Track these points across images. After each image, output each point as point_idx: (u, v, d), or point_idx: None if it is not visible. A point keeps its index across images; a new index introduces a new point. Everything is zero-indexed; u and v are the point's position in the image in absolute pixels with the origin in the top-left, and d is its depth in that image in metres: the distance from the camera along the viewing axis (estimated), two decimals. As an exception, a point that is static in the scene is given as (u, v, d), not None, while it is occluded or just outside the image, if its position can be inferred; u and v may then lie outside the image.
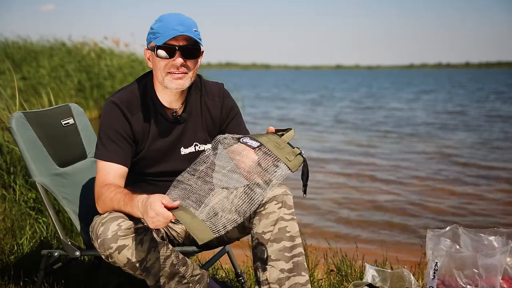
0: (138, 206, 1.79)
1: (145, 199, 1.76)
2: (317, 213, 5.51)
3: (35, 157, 2.29)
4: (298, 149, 1.77)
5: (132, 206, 1.83)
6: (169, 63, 1.99)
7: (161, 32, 1.98)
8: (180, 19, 1.99)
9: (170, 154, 2.14)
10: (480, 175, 7.31)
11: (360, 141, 10.88)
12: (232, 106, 2.21)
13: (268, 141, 1.78)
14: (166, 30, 1.97)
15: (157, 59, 2.00)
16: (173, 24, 1.97)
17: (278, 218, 1.99)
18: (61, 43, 14.23)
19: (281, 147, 1.75)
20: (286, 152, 1.74)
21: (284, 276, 1.97)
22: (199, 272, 2.06)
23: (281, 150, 1.74)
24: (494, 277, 2.21)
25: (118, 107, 2.05)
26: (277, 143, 1.77)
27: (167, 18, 2.01)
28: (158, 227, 1.70)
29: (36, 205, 3.59)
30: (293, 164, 1.71)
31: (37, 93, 9.85)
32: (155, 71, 2.05)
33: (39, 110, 2.50)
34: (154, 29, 2.01)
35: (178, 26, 1.97)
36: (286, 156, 1.73)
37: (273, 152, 1.73)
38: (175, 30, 1.96)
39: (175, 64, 1.99)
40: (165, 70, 2.00)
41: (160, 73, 2.02)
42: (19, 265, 2.79)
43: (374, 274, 2.47)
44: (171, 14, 2.03)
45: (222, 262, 2.95)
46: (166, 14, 2.04)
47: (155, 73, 2.06)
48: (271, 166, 1.73)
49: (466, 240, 2.35)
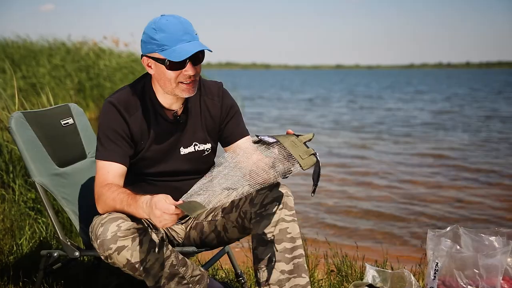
0: (143, 208, 1.79)
1: (149, 199, 1.77)
2: (317, 213, 5.50)
3: (34, 157, 2.29)
4: (312, 150, 1.80)
5: (136, 207, 1.83)
6: (180, 73, 1.96)
7: (168, 44, 1.92)
8: (182, 27, 1.94)
9: (169, 154, 2.13)
10: (481, 175, 7.30)
11: (357, 141, 10.88)
12: (231, 105, 2.20)
13: (284, 139, 1.81)
14: (173, 42, 1.91)
15: (166, 71, 1.96)
16: (179, 35, 1.92)
17: (279, 219, 1.99)
18: (60, 43, 14.21)
19: (297, 146, 1.79)
20: (301, 150, 1.77)
21: (285, 277, 1.97)
22: (199, 272, 2.05)
23: (295, 148, 1.78)
24: (494, 278, 2.21)
25: (116, 107, 2.04)
26: (293, 142, 1.80)
27: (168, 27, 1.92)
28: (166, 225, 1.72)
29: (36, 205, 3.58)
30: (305, 163, 1.74)
31: (36, 93, 9.85)
32: (162, 80, 2.00)
33: (39, 110, 2.50)
34: (157, 39, 1.93)
35: (184, 36, 1.93)
36: (300, 154, 1.76)
37: (288, 149, 1.77)
38: (183, 40, 1.92)
39: (187, 74, 1.96)
40: (176, 81, 1.97)
41: (170, 84, 1.98)
42: (18, 266, 2.78)
43: (374, 275, 2.47)
44: (169, 19, 1.95)
45: (222, 263, 2.94)
46: (162, 20, 1.95)
47: (162, 82, 2.00)
48: (283, 161, 1.78)
49: (467, 240, 2.34)
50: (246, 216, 2.07)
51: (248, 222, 2.08)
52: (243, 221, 2.09)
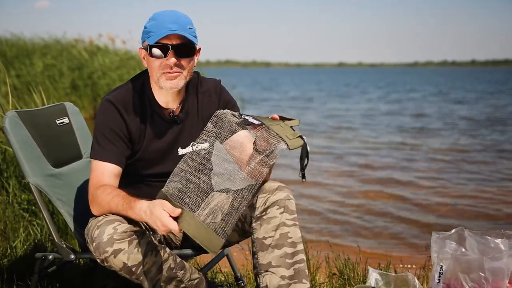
0: (142, 217, 1.79)
1: (148, 212, 1.74)
2: (318, 215, 5.48)
3: (29, 157, 2.26)
4: (299, 133, 1.79)
5: (132, 215, 1.83)
6: (163, 62, 1.96)
7: (154, 30, 1.94)
8: (174, 17, 1.95)
9: (167, 155, 2.11)
10: (486, 177, 7.28)
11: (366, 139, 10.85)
12: (228, 100, 2.19)
13: (270, 122, 1.79)
14: (159, 28, 1.93)
15: (151, 59, 1.97)
16: (166, 22, 1.93)
17: (279, 223, 1.96)
18: (55, 41, 14.15)
19: (283, 128, 1.77)
20: (287, 132, 1.76)
21: (285, 283, 1.95)
22: (197, 276, 2.04)
23: (282, 130, 1.76)
24: (501, 281, 2.19)
25: (114, 105, 2.02)
26: (279, 125, 1.78)
27: (160, 16, 1.97)
28: (168, 232, 1.73)
29: (30, 206, 3.55)
30: (292, 143, 1.73)
31: (30, 91, 9.81)
32: (150, 71, 2.02)
33: (33, 109, 2.48)
34: (147, 27, 1.98)
35: (171, 24, 1.93)
36: (286, 135, 1.74)
37: (273, 130, 1.75)
38: (168, 28, 1.92)
39: (168, 63, 1.95)
40: (159, 70, 1.97)
41: (155, 73, 1.99)
42: (12, 269, 2.75)
43: (377, 278, 2.46)
44: (165, 11, 1.99)
45: (221, 266, 2.91)
46: (160, 11, 2.00)
47: (150, 73, 2.03)
48: (270, 142, 1.75)
49: (472, 242, 2.33)
50: (246, 220, 2.05)
51: (248, 226, 2.05)
52: (243, 224, 2.07)
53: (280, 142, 1.74)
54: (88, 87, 12.62)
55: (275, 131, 1.75)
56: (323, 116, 16.48)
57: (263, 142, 1.78)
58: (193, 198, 1.77)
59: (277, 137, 1.74)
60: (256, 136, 1.81)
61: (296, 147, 1.74)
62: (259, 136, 1.79)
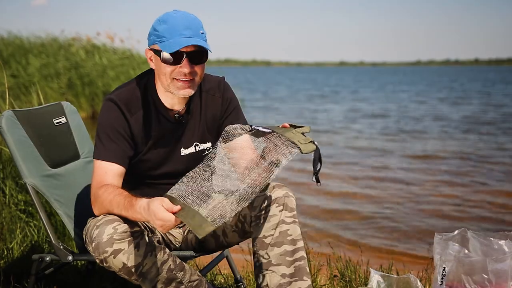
0: (142, 214, 1.76)
1: (146, 206, 1.72)
2: (319, 216, 5.48)
3: (25, 157, 2.24)
4: (311, 138, 1.79)
5: (133, 212, 1.79)
6: (176, 69, 1.91)
7: (167, 36, 1.88)
8: (187, 21, 1.89)
9: (170, 155, 2.08)
10: (489, 178, 7.27)
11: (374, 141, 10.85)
12: (231, 98, 2.15)
13: (281, 130, 1.80)
14: (172, 34, 1.87)
15: (162, 65, 1.92)
16: (180, 28, 1.87)
17: (279, 221, 1.95)
18: (52, 39, 14.07)
19: (294, 134, 1.78)
20: (299, 138, 1.77)
21: (286, 281, 1.93)
22: (197, 277, 2.01)
23: (294, 136, 1.77)
24: (504, 283, 2.17)
25: (117, 105, 1.99)
26: (291, 131, 1.79)
27: (172, 19, 1.89)
28: (168, 230, 1.72)
29: (27, 207, 3.53)
30: (304, 148, 1.74)
31: (27, 91, 9.76)
32: (159, 75, 1.97)
33: (31, 108, 2.45)
34: (159, 31, 1.90)
35: (186, 31, 1.87)
36: (299, 140, 1.75)
37: (285, 137, 1.76)
38: (182, 34, 1.87)
39: (182, 71, 1.91)
40: (170, 76, 1.92)
41: (165, 79, 1.94)
42: (9, 270, 2.74)
43: (379, 280, 2.43)
44: (177, 13, 1.92)
45: (221, 267, 2.90)
46: (171, 13, 1.93)
47: (159, 76, 1.97)
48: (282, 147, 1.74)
49: (475, 244, 2.30)
50: (246, 220, 2.04)
51: (248, 226, 2.04)
52: (243, 225, 2.05)
53: (292, 147, 1.74)
54: (85, 86, 12.56)
55: (287, 137, 1.75)
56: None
57: (273, 149, 1.77)
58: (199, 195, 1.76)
59: (289, 143, 1.74)
60: (267, 144, 1.79)
61: (309, 151, 1.75)
62: (271, 143, 1.78)
